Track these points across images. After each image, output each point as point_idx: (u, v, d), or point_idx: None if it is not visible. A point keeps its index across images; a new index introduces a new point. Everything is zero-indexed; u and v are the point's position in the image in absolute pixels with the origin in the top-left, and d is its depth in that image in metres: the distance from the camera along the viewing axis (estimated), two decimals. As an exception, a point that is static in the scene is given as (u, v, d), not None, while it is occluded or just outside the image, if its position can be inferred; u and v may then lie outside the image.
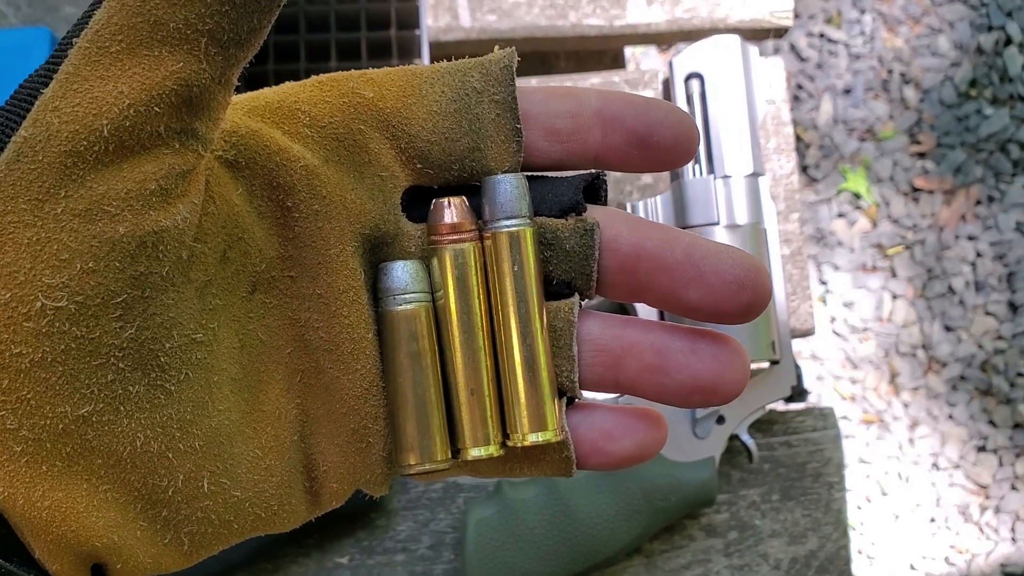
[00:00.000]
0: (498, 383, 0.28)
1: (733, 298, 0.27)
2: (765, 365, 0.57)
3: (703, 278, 0.27)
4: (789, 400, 0.59)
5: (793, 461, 0.63)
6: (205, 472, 0.25)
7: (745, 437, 0.59)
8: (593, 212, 0.28)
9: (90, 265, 0.22)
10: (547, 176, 0.29)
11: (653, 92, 0.68)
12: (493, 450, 0.28)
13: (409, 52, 0.64)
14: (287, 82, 0.28)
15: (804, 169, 1.54)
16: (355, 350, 0.27)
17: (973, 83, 1.56)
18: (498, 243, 0.27)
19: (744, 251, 0.27)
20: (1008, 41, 1.57)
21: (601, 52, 0.78)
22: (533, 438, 0.27)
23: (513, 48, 0.29)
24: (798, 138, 1.54)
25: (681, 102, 0.59)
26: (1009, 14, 1.58)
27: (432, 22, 0.69)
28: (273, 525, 0.27)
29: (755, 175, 0.58)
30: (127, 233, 0.23)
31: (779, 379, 0.58)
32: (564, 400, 0.28)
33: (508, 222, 0.27)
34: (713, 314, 0.27)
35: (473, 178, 0.28)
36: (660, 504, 0.57)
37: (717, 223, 0.57)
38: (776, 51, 1.56)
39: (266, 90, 0.28)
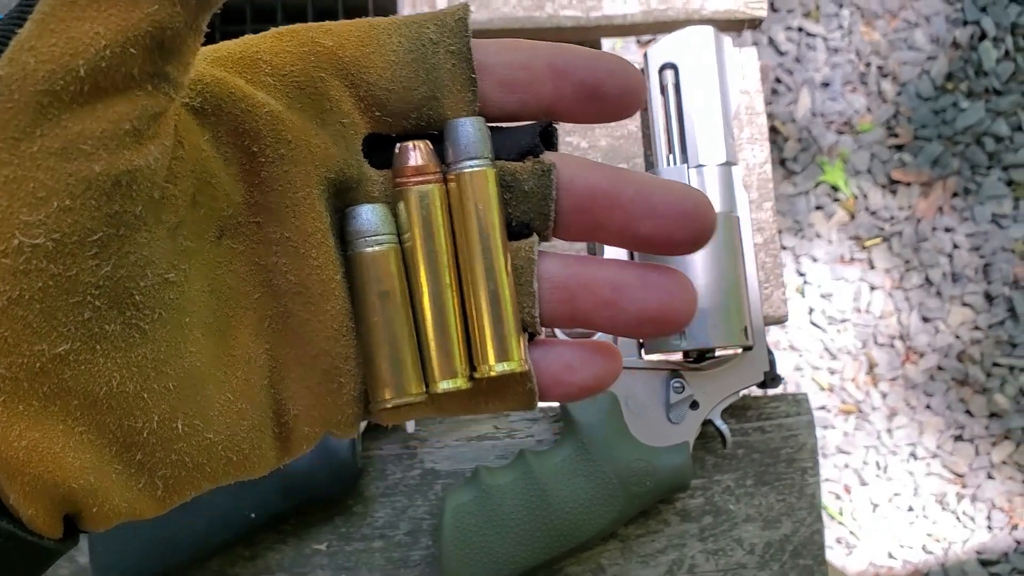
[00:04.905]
0: (464, 320, 0.29)
1: (683, 227, 0.28)
2: (738, 351, 0.58)
3: (655, 210, 0.28)
4: (762, 386, 0.59)
5: (767, 446, 0.64)
6: (179, 414, 0.25)
7: (719, 422, 0.59)
8: (548, 156, 0.29)
9: (66, 203, 0.22)
10: (503, 126, 0.30)
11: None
12: (461, 383, 0.29)
13: (386, 42, 0.64)
14: (247, 35, 0.29)
15: (782, 162, 1.55)
16: (324, 291, 0.28)
17: (949, 77, 1.58)
18: (461, 183, 0.28)
19: (689, 185, 0.28)
20: (983, 36, 1.59)
21: (578, 44, 0.78)
22: (499, 368, 0.28)
23: (467, 3, 0.30)
24: (776, 131, 1.55)
25: (655, 92, 0.59)
26: (984, 9, 1.60)
27: (410, 12, 0.69)
28: (244, 470, 0.27)
29: (728, 164, 0.58)
30: (102, 172, 0.23)
31: (752, 365, 0.59)
32: (526, 335, 0.29)
33: (471, 163, 0.28)
34: (666, 244, 0.29)
35: (430, 127, 0.29)
36: (635, 489, 0.58)
37: (691, 211, 0.57)
38: (754, 44, 1.57)
39: (227, 42, 0.28)
